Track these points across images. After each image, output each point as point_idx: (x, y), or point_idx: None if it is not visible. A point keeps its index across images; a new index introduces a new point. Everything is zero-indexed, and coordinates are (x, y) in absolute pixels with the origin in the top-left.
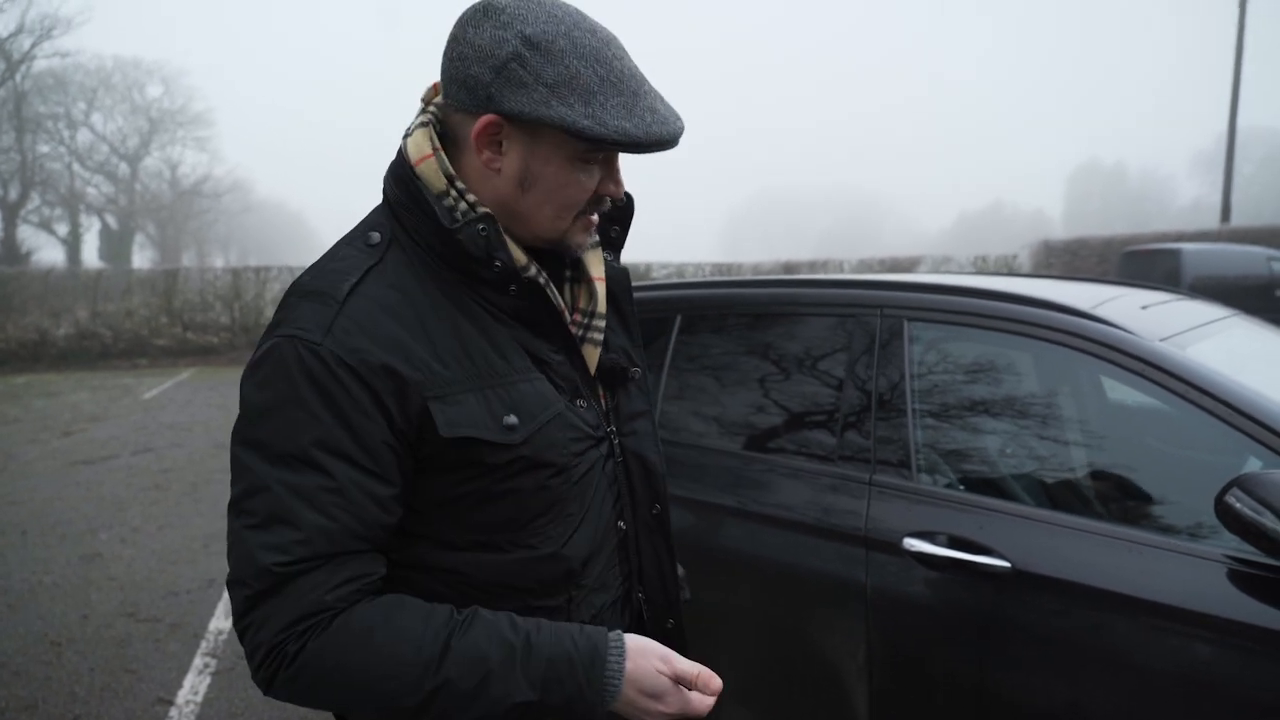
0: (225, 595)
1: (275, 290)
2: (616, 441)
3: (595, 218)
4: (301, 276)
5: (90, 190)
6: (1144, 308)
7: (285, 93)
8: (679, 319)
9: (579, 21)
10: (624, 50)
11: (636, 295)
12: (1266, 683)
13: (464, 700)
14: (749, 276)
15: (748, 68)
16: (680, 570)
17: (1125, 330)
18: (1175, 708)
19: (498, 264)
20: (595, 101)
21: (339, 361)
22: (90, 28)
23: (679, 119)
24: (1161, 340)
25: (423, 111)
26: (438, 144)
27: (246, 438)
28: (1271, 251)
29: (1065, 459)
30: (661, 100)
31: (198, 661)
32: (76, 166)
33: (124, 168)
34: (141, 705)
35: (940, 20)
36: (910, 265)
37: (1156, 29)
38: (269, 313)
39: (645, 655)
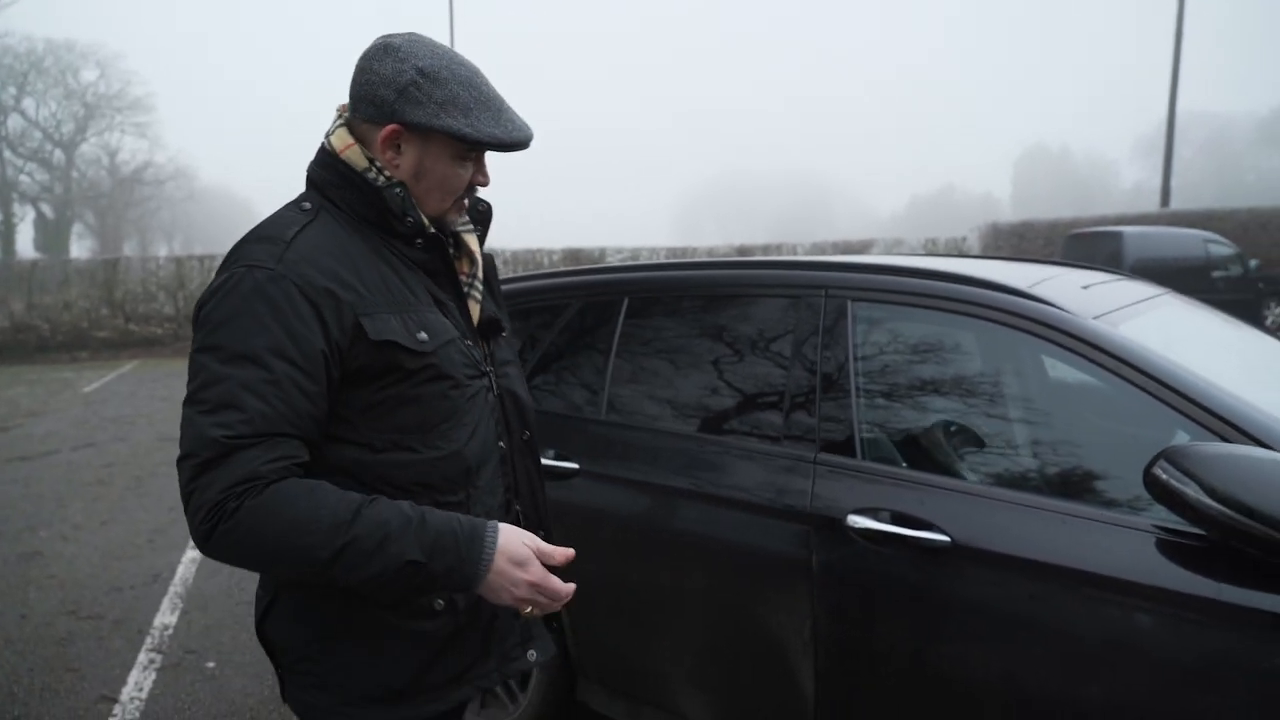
0: (171, 590)
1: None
2: (494, 379)
3: (466, 202)
4: (248, 233)
5: (23, 178)
6: (1085, 287)
7: (230, 77)
8: (626, 302)
9: (453, 57)
10: (486, 78)
11: (585, 279)
12: (1192, 647)
13: (365, 556)
14: (699, 259)
15: (703, 52)
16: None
17: (1061, 308)
18: (1106, 673)
19: (409, 219)
20: (473, 115)
21: (288, 282)
22: (18, 9)
23: (530, 128)
24: (1095, 318)
25: (339, 119)
26: (352, 138)
27: (205, 344)
28: (1208, 235)
29: (1005, 436)
30: (516, 114)
31: (142, 658)
32: (8, 153)
33: (59, 155)
34: (84, 704)
35: (893, 8)
36: (862, 248)
37: (1101, 16)
38: None
39: (515, 533)
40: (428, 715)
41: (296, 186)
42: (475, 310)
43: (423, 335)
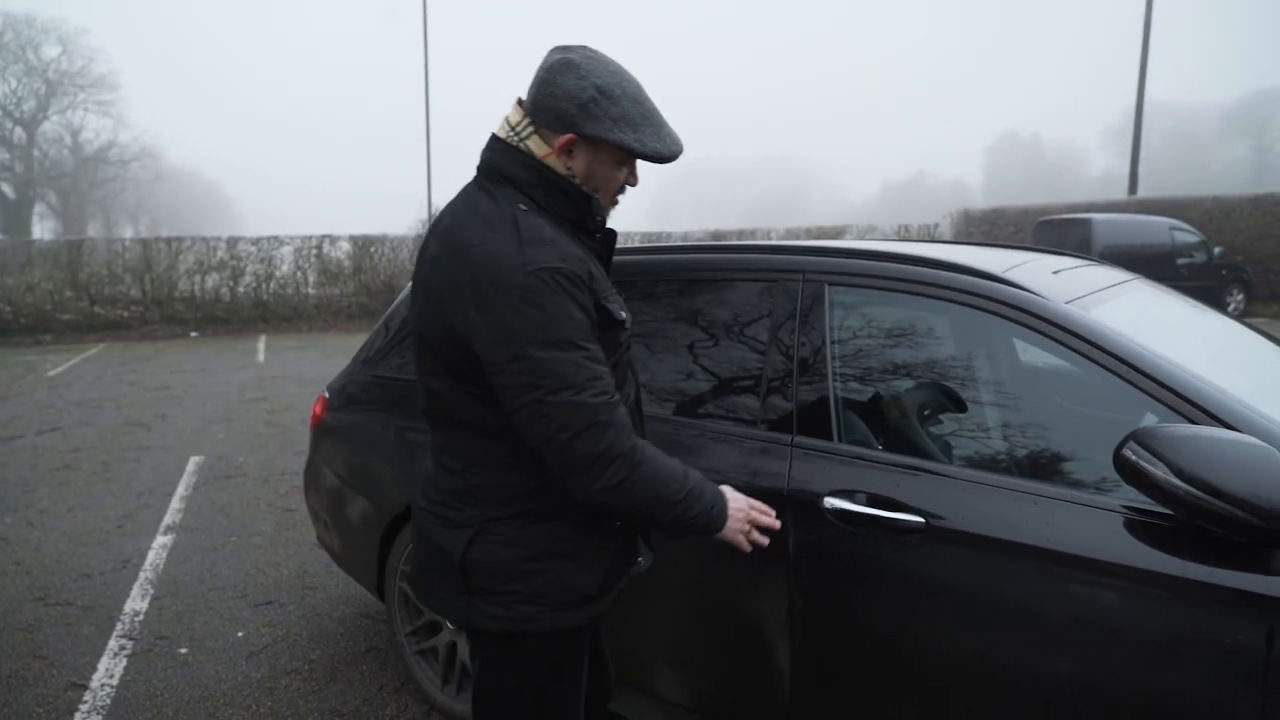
0: (141, 576)
1: (190, 261)
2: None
3: (618, 199)
4: (495, 235)
5: None
6: (1056, 272)
7: (199, 55)
8: None
9: (624, 75)
10: (648, 95)
11: None
12: (1159, 623)
13: (695, 498)
14: (675, 244)
15: (673, 35)
16: None
17: (1034, 293)
18: (1076, 650)
19: (599, 217)
20: (640, 131)
21: (575, 276)
22: None
23: (681, 141)
24: (1068, 303)
25: (526, 121)
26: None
27: (546, 341)
28: (1174, 222)
29: (978, 418)
30: (671, 129)
31: (113, 644)
32: None
33: (20, 133)
34: (53, 691)
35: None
36: (836, 234)
37: (1072, 5)
38: (183, 285)
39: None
40: (599, 612)
41: (266, 167)
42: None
43: (625, 314)
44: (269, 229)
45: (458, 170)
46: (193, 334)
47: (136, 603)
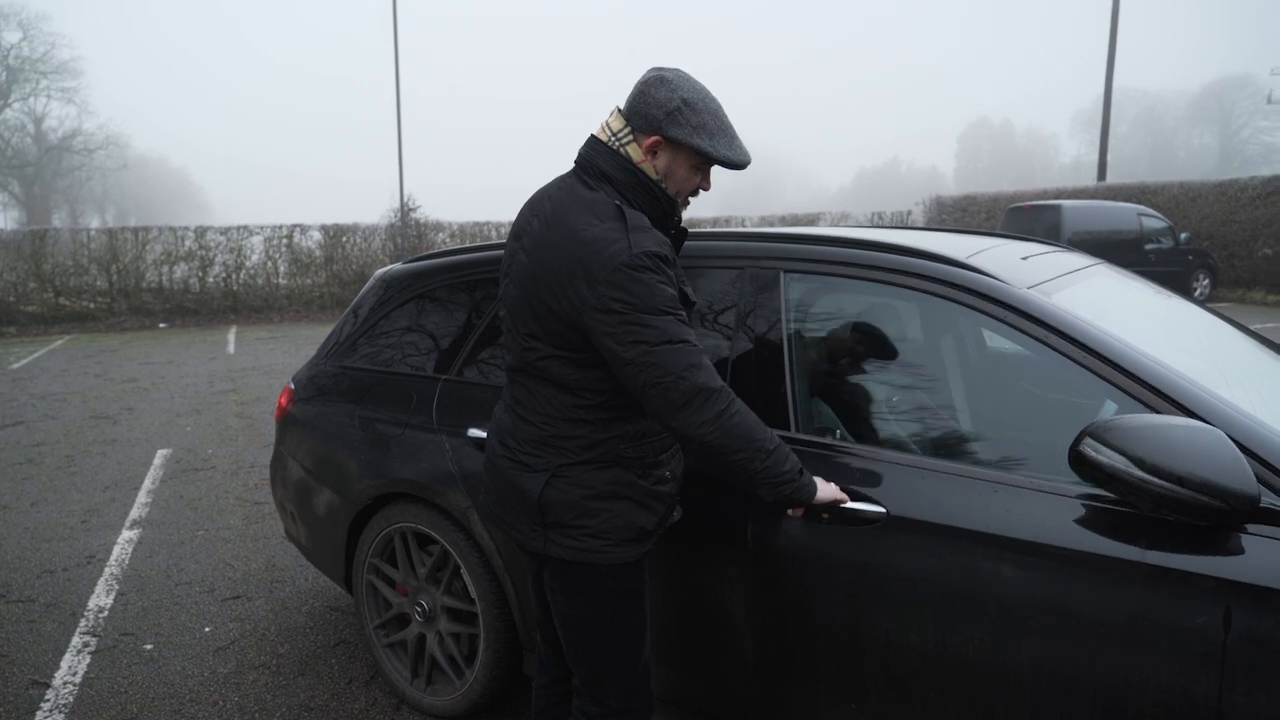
0: (106, 572)
1: (157, 252)
2: None
3: (689, 200)
4: (601, 223)
5: None
6: (1024, 258)
7: (166, 42)
8: None
9: (707, 93)
10: (724, 110)
11: None
12: (1119, 609)
13: (783, 457)
14: None
15: (648, 21)
16: None
17: (996, 278)
18: (1038, 637)
19: (676, 218)
20: (716, 138)
21: (664, 256)
22: None
23: (749, 153)
24: (1030, 288)
25: (626, 128)
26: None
27: (651, 308)
28: (1142, 208)
29: (939, 406)
30: (742, 142)
31: (76, 641)
32: None
33: None
34: (14, 689)
35: None
36: (810, 222)
37: None
38: (150, 276)
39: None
40: (650, 550)
41: (235, 153)
42: None
43: (694, 297)
44: (238, 217)
45: (430, 154)
46: (161, 325)
47: (101, 599)
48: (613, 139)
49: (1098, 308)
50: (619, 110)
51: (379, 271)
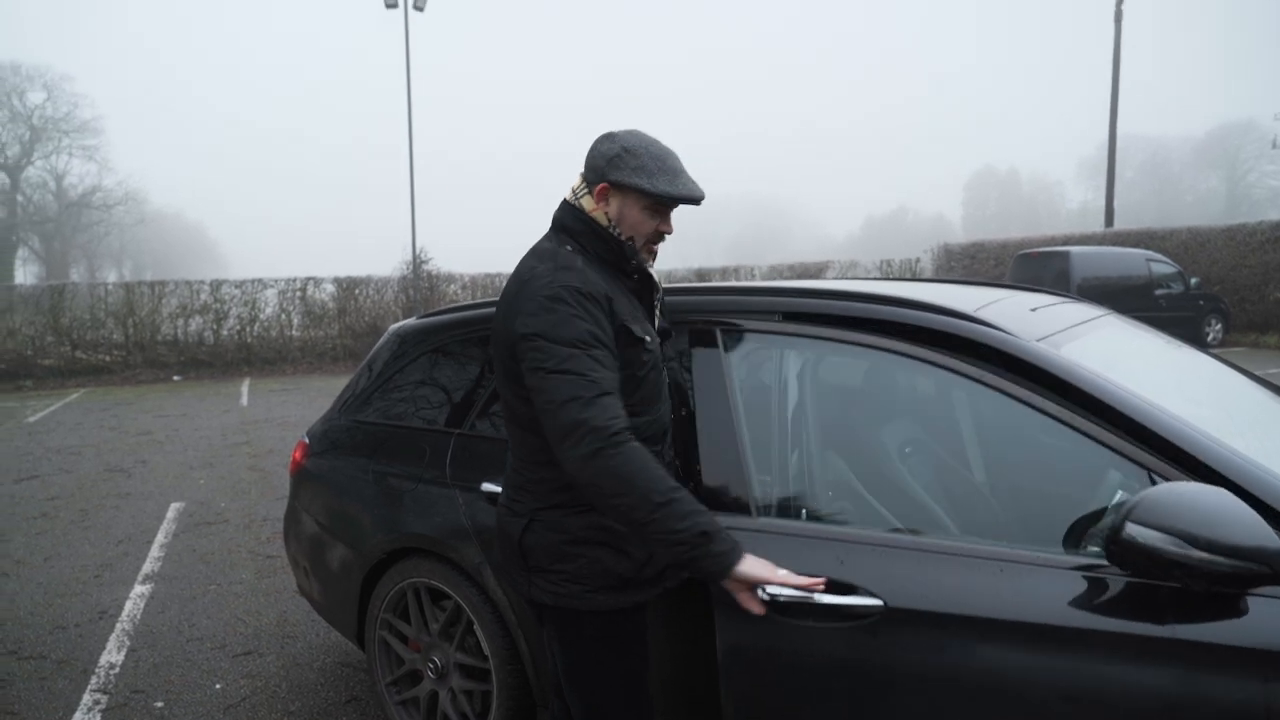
0: (118, 628)
1: (173, 305)
2: (666, 369)
3: (656, 246)
4: (541, 264)
5: None
6: (1034, 309)
7: (184, 100)
8: None
9: (651, 141)
10: (675, 156)
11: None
12: (1151, 690)
13: (679, 517)
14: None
15: (657, 81)
16: None
17: (1005, 331)
18: None
19: (634, 261)
20: (655, 177)
21: (590, 294)
22: None
23: (699, 187)
24: (1039, 340)
25: (583, 188)
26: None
27: (551, 336)
28: (1151, 253)
29: (931, 475)
30: (691, 179)
31: (87, 699)
32: None
33: (4, 178)
34: None
35: (837, 36)
36: (818, 270)
37: (1041, 41)
38: (165, 329)
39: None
40: (638, 601)
41: (251, 209)
42: (657, 321)
43: (648, 338)
44: (253, 270)
45: (441, 211)
46: (175, 378)
47: (112, 655)
48: (573, 196)
49: (1108, 359)
50: (582, 175)
51: (393, 326)
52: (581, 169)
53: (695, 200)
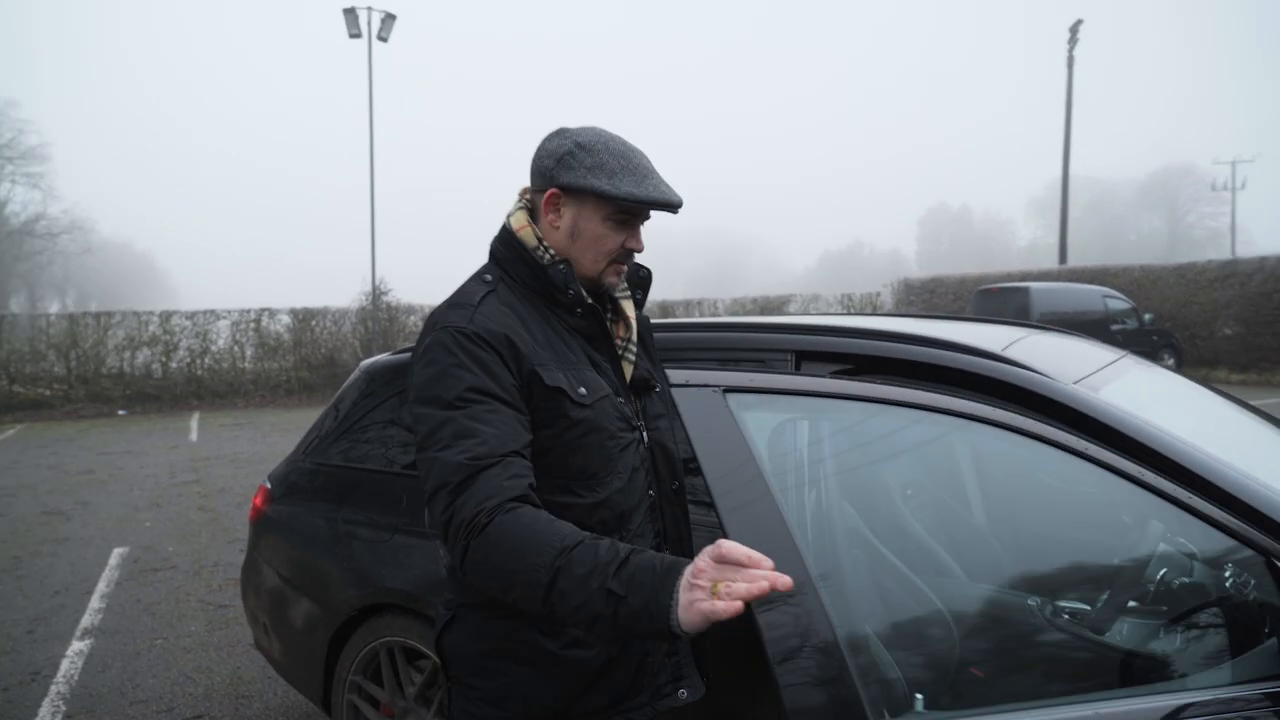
0: (53, 690)
1: (119, 336)
2: (645, 434)
3: (624, 266)
4: (445, 302)
5: None
6: (1058, 349)
7: (133, 126)
8: None
9: (611, 136)
10: (642, 154)
11: None
12: None
13: (575, 583)
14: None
15: (617, 108)
16: None
17: (1042, 374)
18: None
19: (570, 291)
20: (616, 178)
21: (477, 336)
22: None
23: (675, 192)
24: (1076, 383)
25: (519, 201)
26: (528, 220)
27: (424, 398)
28: (1106, 290)
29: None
30: (664, 181)
31: None
32: None
33: None
34: None
35: (788, 72)
36: (781, 304)
37: (992, 86)
38: (111, 362)
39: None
40: None
41: (203, 239)
42: (628, 370)
43: (582, 390)
44: (204, 302)
45: (402, 246)
46: (120, 412)
47: None
48: (508, 214)
49: (1148, 403)
50: (523, 188)
51: (364, 363)
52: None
53: (671, 206)
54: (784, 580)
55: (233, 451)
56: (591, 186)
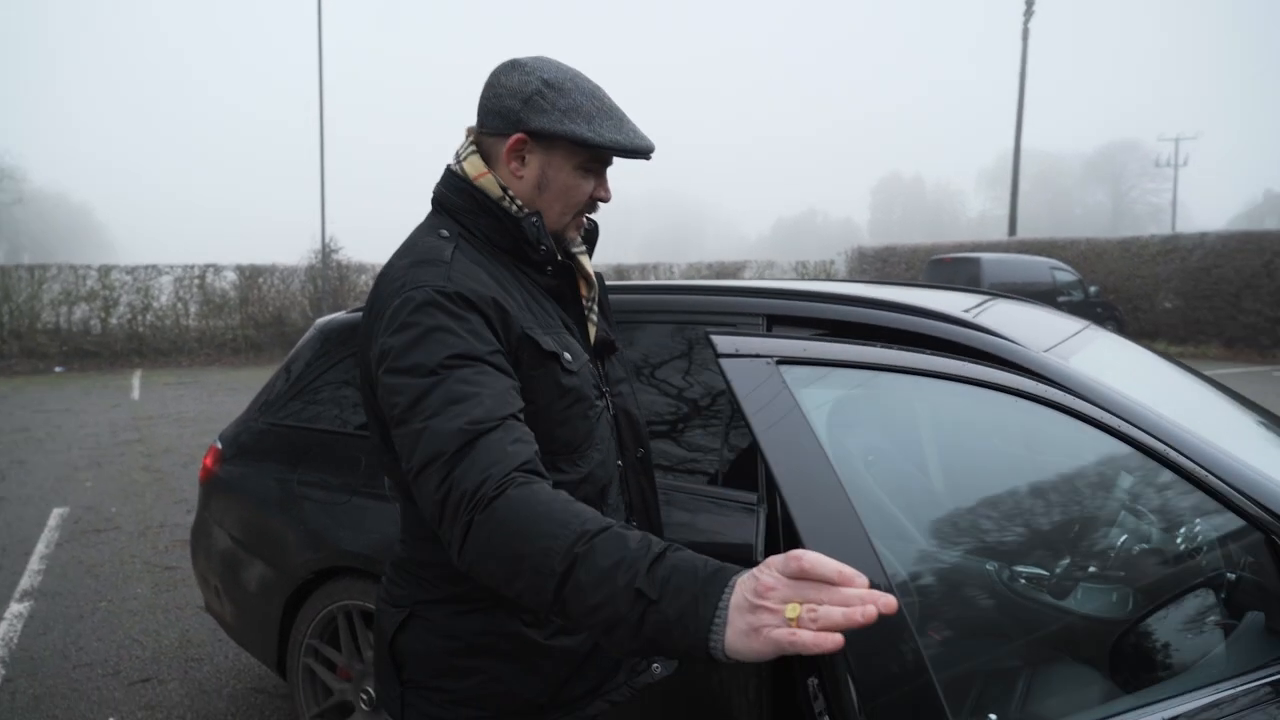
0: None
1: (55, 291)
2: (609, 399)
3: (584, 219)
4: (399, 260)
5: None
6: (1022, 314)
7: (67, 70)
8: None
9: (577, 73)
10: (608, 94)
11: None
12: None
13: (596, 576)
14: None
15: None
16: None
17: (1014, 341)
18: None
19: (543, 246)
20: (595, 122)
21: (460, 297)
22: None
23: (650, 139)
24: (1045, 351)
25: (469, 143)
26: (486, 166)
27: (400, 367)
28: (1054, 262)
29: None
30: (638, 126)
31: None
32: None
33: None
34: None
35: (745, 40)
36: (736, 270)
37: (946, 54)
38: (46, 316)
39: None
40: None
41: (144, 191)
42: (592, 332)
43: (568, 355)
44: (145, 256)
45: (354, 196)
46: (57, 369)
47: None
48: (456, 158)
49: (1118, 375)
50: (468, 130)
51: (318, 321)
52: (473, 126)
53: (647, 153)
54: (888, 601)
55: (177, 411)
56: (570, 133)
